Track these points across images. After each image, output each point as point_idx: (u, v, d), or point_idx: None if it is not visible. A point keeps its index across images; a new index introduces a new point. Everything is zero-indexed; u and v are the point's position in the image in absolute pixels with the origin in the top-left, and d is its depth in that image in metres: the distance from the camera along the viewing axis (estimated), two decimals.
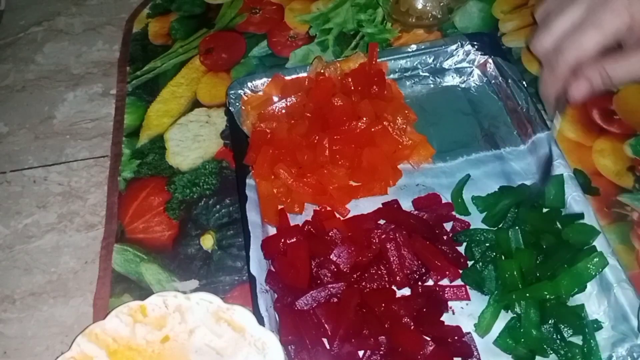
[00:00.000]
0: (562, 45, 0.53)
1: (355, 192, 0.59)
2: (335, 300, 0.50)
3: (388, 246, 0.52)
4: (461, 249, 0.55)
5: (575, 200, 0.54)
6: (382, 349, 0.48)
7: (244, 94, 0.66)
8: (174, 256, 0.59)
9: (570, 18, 0.53)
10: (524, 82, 0.63)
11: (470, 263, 0.54)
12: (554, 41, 0.54)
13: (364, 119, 0.60)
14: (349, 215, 0.58)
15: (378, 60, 0.66)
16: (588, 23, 0.52)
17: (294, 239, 0.54)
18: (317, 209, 0.58)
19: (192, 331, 0.49)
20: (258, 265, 0.53)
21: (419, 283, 0.52)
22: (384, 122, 0.61)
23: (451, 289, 0.52)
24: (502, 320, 0.50)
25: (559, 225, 0.54)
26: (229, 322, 0.49)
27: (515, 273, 0.50)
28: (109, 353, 0.49)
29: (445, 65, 0.68)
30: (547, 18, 0.56)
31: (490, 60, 0.67)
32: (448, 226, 0.56)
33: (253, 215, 0.57)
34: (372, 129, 0.60)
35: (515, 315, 0.50)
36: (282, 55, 0.75)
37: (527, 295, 0.49)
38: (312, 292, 0.50)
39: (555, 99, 0.56)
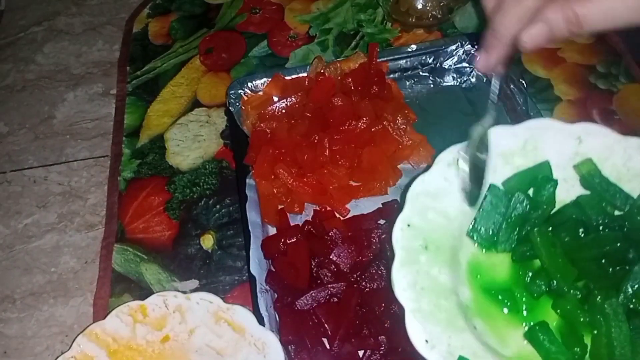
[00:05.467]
0: None
1: (355, 192, 0.59)
2: (335, 300, 0.50)
3: (388, 246, 0.52)
4: None
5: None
6: (382, 349, 0.48)
7: (244, 94, 0.66)
8: (174, 256, 0.59)
9: None
10: (524, 82, 0.63)
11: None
12: None
13: (364, 119, 0.60)
14: (349, 215, 0.58)
15: (378, 60, 0.66)
16: None
17: (294, 239, 0.54)
18: (317, 209, 0.58)
19: (192, 331, 0.49)
20: (258, 265, 0.53)
21: None
22: (384, 122, 0.61)
23: None
24: None
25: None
26: (229, 322, 0.49)
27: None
28: (109, 353, 0.49)
29: (445, 65, 0.68)
30: None
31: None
32: None
33: (253, 215, 0.57)
34: (372, 129, 0.60)
35: None
36: (282, 55, 0.75)
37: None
38: (312, 292, 0.50)
39: (499, 50, 0.41)
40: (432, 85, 0.68)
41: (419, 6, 0.75)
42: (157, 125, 0.70)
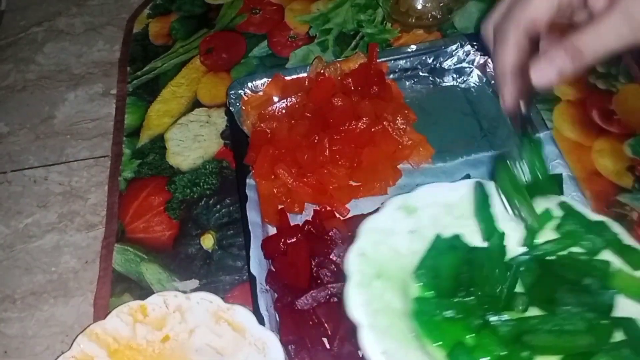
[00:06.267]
0: (509, 13, 0.43)
1: (355, 192, 0.59)
2: (335, 300, 0.50)
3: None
4: None
5: (574, 200, 0.54)
6: None
7: (244, 94, 0.66)
8: (174, 256, 0.59)
9: None
10: None
11: None
12: (500, 15, 0.44)
13: (364, 119, 0.60)
14: (349, 215, 0.58)
15: (378, 60, 0.66)
16: None
17: (294, 239, 0.54)
18: (317, 209, 0.58)
19: (193, 331, 0.49)
20: (258, 265, 0.53)
21: None
22: (384, 122, 0.61)
23: None
24: None
25: None
26: (229, 322, 0.49)
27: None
28: (109, 353, 0.49)
29: (445, 65, 0.69)
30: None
31: (490, 61, 0.67)
32: None
33: (253, 215, 0.57)
34: (372, 129, 0.60)
35: None
36: (282, 55, 0.75)
37: None
38: (312, 292, 0.50)
39: (514, 78, 0.44)
40: (432, 85, 0.68)
41: (419, 6, 0.75)
42: (157, 125, 0.70)
